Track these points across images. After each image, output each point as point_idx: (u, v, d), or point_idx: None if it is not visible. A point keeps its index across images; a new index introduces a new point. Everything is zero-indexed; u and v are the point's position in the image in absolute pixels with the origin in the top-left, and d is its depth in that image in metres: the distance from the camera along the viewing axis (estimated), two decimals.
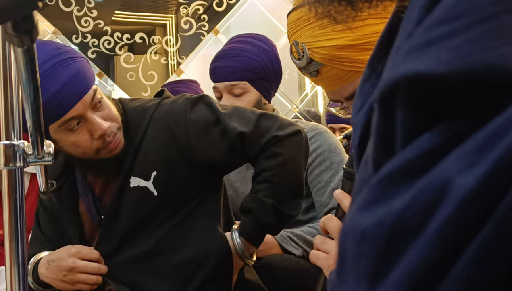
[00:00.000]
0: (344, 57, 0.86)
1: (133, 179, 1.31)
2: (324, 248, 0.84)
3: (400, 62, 0.25)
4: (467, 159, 0.22)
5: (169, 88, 2.38)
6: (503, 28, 0.23)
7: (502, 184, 0.20)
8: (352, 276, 0.25)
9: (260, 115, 1.38)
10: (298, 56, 0.91)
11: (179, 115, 1.34)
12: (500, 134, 0.21)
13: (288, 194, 1.37)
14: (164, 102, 1.39)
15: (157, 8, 3.48)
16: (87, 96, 1.19)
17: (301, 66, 0.91)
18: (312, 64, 0.89)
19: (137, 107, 1.37)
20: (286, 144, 1.36)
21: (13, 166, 0.84)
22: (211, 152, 1.32)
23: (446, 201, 0.21)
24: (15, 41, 0.60)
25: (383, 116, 0.27)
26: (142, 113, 1.35)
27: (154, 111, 1.35)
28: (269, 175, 1.35)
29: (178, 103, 1.37)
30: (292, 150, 1.37)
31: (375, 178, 0.25)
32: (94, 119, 1.21)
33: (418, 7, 0.27)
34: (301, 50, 0.90)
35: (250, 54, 1.72)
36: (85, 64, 1.24)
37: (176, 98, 1.41)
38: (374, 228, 0.23)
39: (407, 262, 0.22)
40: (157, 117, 1.34)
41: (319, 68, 0.89)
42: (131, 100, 1.42)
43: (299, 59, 0.91)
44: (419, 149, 0.24)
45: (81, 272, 1.29)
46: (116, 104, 1.35)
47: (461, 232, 0.21)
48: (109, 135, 1.24)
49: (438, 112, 0.24)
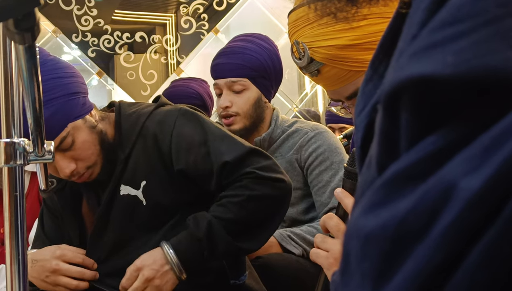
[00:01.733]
0: (344, 56, 0.86)
1: (123, 187, 1.31)
2: (325, 246, 0.84)
3: (405, 64, 0.25)
4: (472, 162, 0.22)
5: (181, 82, 2.40)
6: (508, 32, 0.23)
7: (507, 187, 0.20)
8: (356, 278, 0.25)
9: (252, 150, 1.29)
10: (299, 56, 0.91)
11: (167, 127, 1.31)
12: (505, 137, 0.21)
13: (243, 226, 1.26)
14: (158, 111, 1.36)
15: (157, 7, 3.48)
16: (55, 140, 1.19)
17: (302, 66, 0.91)
18: (312, 64, 0.89)
19: (133, 113, 1.36)
20: (263, 184, 1.26)
21: (13, 164, 0.84)
22: (188, 167, 1.28)
23: (451, 204, 0.21)
24: (17, 38, 0.59)
25: (388, 118, 0.27)
26: (135, 120, 1.34)
27: (146, 119, 1.33)
28: (230, 201, 1.25)
29: (171, 115, 1.34)
30: (267, 192, 1.25)
31: (379, 180, 0.25)
32: (58, 163, 1.22)
33: (422, 9, 0.27)
34: (301, 50, 0.90)
35: (251, 52, 1.72)
36: (65, 104, 1.20)
37: (172, 108, 1.37)
38: (378, 231, 0.23)
39: (412, 265, 0.22)
40: (148, 126, 1.32)
41: (319, 67, 0.89)
42: (131, 106, 1.40)
43: (300, 59, 0.91)
44: (424, 151, 0.24)
45: (63, 275, 1.29)
46: (112, 111, 1.35)
47: (465, 235, 0.21)
48: (74, 175, 1.25)
49: (442, 114, 0.24)
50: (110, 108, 1.44)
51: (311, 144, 1.70)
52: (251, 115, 1.74)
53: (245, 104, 1.73)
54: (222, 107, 1.74)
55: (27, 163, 0.87)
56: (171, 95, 2.32)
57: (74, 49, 3.37)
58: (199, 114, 1.36)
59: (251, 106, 1.73)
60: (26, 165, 0.87)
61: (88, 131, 1.27)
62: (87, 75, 3.47)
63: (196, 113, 1.36)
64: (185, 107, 1.37)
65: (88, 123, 1.27)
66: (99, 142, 1.29)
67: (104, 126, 1.33)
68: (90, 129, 1.27)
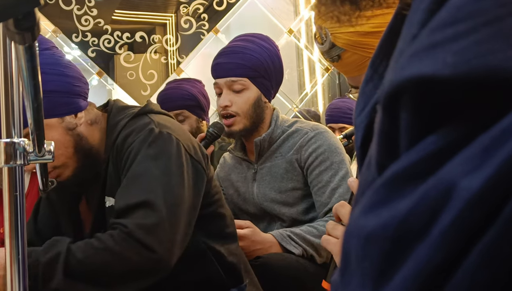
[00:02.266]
0: (365, 43, 0.88)
1: (107, 198, 1.30)
2: (335, 233, 0.85)
3: (405, 64, 0.25)
4: (472, 162, 0.22)
5: (174, 84, 2.40)
6: (508, 31, 0.23)
7: (507, 187, 0.20)
8: (356, 278, 0.25)
9: (145, 203, 1.16)
10: (321, 41, 0.93)
11: (127, 146, 1.26)
12: (505, 137, 0.21)
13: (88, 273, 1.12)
14: (129, 126, 1.29)
15: (157, 7, 3.48)
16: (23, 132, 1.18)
17: (324, 50, 0.93)
18: (334, 49, 0.92)
19: (117, 121, 1.32)
20: (130, 245, 1.12)
21: (13, 164, 0.84)
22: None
23: (451, 204, 0.21)
24: (17, 38, 0.59)
25: (388, 118, 0.27)
26: (113, 130, 1.31)
27: (119, 133, 1.29)
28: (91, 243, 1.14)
29: (138, 138, 1.25)
30: (127, 254, 1.12)
31: (379, 180, 0.25)
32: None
33: (422, 10, 0.27)
34: (324, 35, 0.92)
35: (251, 52, 1.73)
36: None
37: (142, 126, 1.28)
38: (379, 230, 0.23)
39: (412, 264, 0.22)
40: (119, 140, 1.29)
41: (340, 53, 0.91)
42: (121, 111, 1.35)
43: (322, 44, 0.93)
44: (424, 151, 0.24)
45: None
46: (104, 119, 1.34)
47: (466, 235, 0.21)
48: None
49: (443, 114, 0.24)
50: (106, 107, 1.42)
51: (311, 144, 1.70)
52: (250, 116, 1.74)
53: (244, 104, 1.73)
54: (222, 106, 1.74)
55: (27, 163, 0.87)
56: (165, 98, 2.32)
57: (74, 49, 3.37)
58: (165, 151, 1.25)
59: (251, 106, 1.73)
60: (26, 164, 0.87)
61: (61, 132, 1.25)
62: (87, 75, 3.47)
63: (163, 149, 1.25)
64: (156, 130, 1.27)
65: (65, 124, 1.25)
66: (73, 145, 1.27)
67: (89, 131, 1.31)
68: (65, 130, 1.25)
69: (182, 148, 1.27)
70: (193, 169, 1.28)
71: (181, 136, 1.30)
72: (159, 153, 1.23)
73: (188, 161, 1.27)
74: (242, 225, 1.63)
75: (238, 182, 1.86)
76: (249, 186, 1.81)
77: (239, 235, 1.58)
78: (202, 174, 1.31)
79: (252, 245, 1.60)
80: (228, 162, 1.94)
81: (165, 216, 1.16)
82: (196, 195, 1.28)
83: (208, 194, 1.36)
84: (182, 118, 2.29)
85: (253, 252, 1.60)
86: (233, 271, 1.38)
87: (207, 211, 1.36)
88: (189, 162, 1.28)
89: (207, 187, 1.35)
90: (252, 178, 1.81)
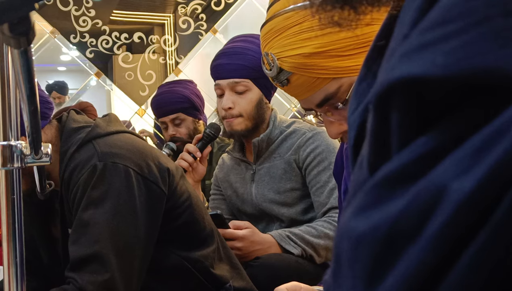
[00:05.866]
0: (311, 64, 0.90)
1: (70, 230, 1.26)
2: None
3: (395, 65, 0.24)
4: (463, 163, 0.21)
5: (166, 88, 2.37)
6: (498, 31, 0.23)
7: (499, 189, 0.20)
8: (348, 280, 0.25)
9: (97, 256, 1.14)
10: (269, 67, 0.95)
11: (73, 186, 1.22)
12: (497, 138, 0.21)
13: None
14: (74, 159, 1.24)
15: (155, 8, 3.48)
16: None
17: (272, 76, 0.95)
18: (282, 74, 0.93)
19: (66, 150, 1.28)
20: None
21: (10, 167, 0.84)
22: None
23: (442, 206, 0.21)
24: (12, 42, 0.59)
25: (378, 119, 0.26)
26: (63, 160, 1.27)
27: (66, 166, 1.25)
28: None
29: (82, 176, 1.21)
30: None
31: (370, 181, 0.25)
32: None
33: (414, 9, 0.26)
34: (271, 61, 0.93)
35: (253, 53, 1.72)
36: None
37: (86, 160, 1.22)
38: (370, 233, 0.23)
39: (403, 267, 0.22)
40: (66, 176, 1.25)
41: (288, 76, 0.93)
42: (72, 136, 1.30)
43: (270, 70, 0.95)
44: (415, 153, 0.23)
45: None
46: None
47: (457, 238, 0.21)
48: None
49: (433, 115, 0.24)
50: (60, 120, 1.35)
51: (309, 144, 1.70)
52: (253, 117, 1.74)
53: (248, 105, 1.73)
54: (225, 108, 1.73)
55: (24, 166, 0.87)
56: (158, 104, 2.30)
57: (72, 50, 3.37)
58: (110, 193, 1.20)
59: (254, 107, 1.73)
60: (23, 167, 0.87)
61: None
62: (86, 76, 3.47)
63: (106, 190, 1.20)
64: (99, 166, 1.21)
65: None
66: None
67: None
68: None
69: (132, 173, 1.21)
70: (147, 193, 1.23)
71: (130, 158, 1.24)
72: (104, 194, 1.18)
73: (140, 187, 1.22)
74: (241, 226, 1.63)
75: (236, 183, 1.86)
76: (248, 186, 1.81)
77: (238, 236, 1.58)
78: (159, 194, 1.26)
79: (251, 245, 1.60)
80: (226, 163, 1.94)
81: (115, 268, 1.14)
82: (153, 222, 1.24)
83: (174, 206, 1.32)
84: (178, 122, 2.27)
85: (252, 253, 1.60)
86: (215, 274, 1.37)
87: (178, 222, 1.33)
88: (142, 186, 1.22)
89: (173, 200, 1.31)
90: (250, 179, 1.81)
